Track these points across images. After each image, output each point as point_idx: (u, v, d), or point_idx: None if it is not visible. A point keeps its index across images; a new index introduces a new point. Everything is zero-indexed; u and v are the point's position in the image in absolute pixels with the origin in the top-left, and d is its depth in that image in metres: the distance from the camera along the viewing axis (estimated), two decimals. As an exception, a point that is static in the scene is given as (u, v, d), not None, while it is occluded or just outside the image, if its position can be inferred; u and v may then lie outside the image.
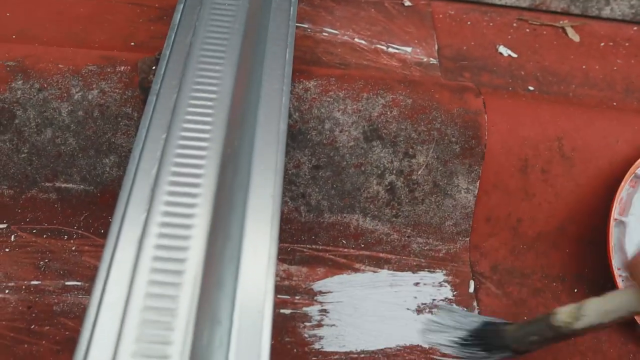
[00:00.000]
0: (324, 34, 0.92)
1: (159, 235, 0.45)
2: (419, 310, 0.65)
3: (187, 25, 0.66)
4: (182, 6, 0.70)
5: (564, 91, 0.96)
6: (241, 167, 0.54)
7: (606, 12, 1.08)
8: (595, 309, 0.46)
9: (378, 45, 0.92)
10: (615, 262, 0.71)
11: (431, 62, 0.91)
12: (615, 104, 0.95)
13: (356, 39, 0.92)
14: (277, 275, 0.66)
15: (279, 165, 0.56)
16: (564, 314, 0.48)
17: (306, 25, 0.92)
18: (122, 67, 0.70)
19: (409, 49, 0.92)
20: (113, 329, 0.40)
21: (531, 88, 0.94)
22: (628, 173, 0.73)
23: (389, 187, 0.70)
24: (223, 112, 0.54)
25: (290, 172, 0.69)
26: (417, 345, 0.62)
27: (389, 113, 0.68)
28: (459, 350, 0.55)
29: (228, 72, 0.57)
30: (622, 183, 0.72)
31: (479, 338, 0.55)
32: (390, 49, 0.92)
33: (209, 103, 0.54)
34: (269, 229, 0.51)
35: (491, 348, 0.53)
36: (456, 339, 0.56)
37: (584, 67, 1.01)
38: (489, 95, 0.78)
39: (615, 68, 1.02)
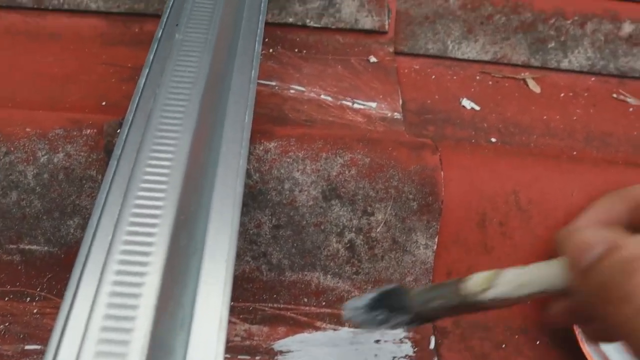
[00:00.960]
0: (292, 91, 0.95)
1: (108, 305, 0.46)
2: (379, 368, 0.66)
3: (150, 90, 0.68)
4: (147, 71, 0.72)
5: (525, 142, 0.99)
6: (196, 232, 0.56)
7: (565, 64, 1.12)
8: (511, 280, 0.40)
9: (344, 102, 0.95)
10: (573, 314, 0.72)
11: (395, 117, 0.94)
12: (575, 152, 0.98)
13: (322, 96, 0.95)
14: (237, 335, 0.67)
15: (233, 229, 0.57)
16: (474, 282, 0.42)
17: (274, 83, 0.95)
18: (89, 130, 0.72)
19: (374, 104, 0.95)
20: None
21: (493, 140, 0.97)
22: (583, 225, 0.75)
23: (348, 244, 0.71)
24: (178, 177, 0.55)
25: (251, 232, 0.70)
26: (377, 404, 0.62)
27: (347, 172, 0.71)
28: (358, 315, 0.50)
29: (185, 137, 0.59)
30: (578, 235, 0.74)
31: (381, 301, 0.50)
32: (355, 105, 0.95)
33: (165, 171, 0.56)
34: (221, 294, 0.52)
35: (392, 310, 0.49)
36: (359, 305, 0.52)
37: (545, 117, 1.04)
38: (448, 150, 0.81)
39: (575, 118, 1.05)
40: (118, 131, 0.72)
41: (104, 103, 0.89)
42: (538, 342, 0.75)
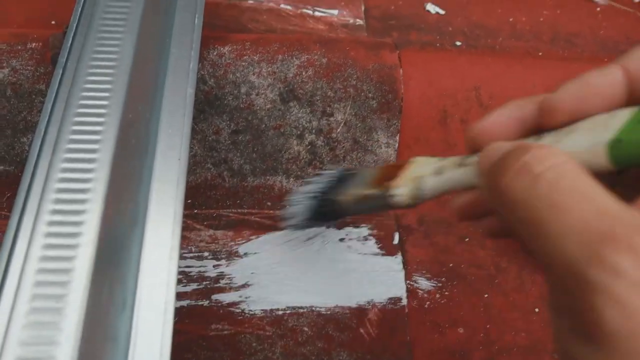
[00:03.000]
0: (249, 1, 0.92)
1: (55, 201, 0.45)
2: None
3: (93, -4, 0.65)
4: (89, -22, 0.69)
5: (491, 44, 0.97)
6: (147, 131, 0.55)
7: (532, -36, 1.09)
8: (434, 188, 0.39)
9: (304, 10, 0.92)
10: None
11: (358, 24, 0.92)
12: (541, 53, 0.97)
13: (282, 5, 0.92)
14: (202, 240, 0.67)
15: (186, 130, 0.56)
16: (405, 195, 0.41)
17: (230, -6, 0.92)
18: (34, 44, 0.69)
19: (335, 12, 0.93)
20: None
21: (459, 43, 0.95)
22: (544, 118, 0.75)
23: (309, 146, 0.71)
24: (123, 79, 0.54)
25: (210, 138, 0.69)
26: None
27: (304, 73, 0.69)
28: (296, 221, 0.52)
29: (129, 39, 0.57)
30: (538, 128, 0.74)
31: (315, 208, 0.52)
32: (316, 13, 0.92)
33: (109, 71, 0.54)
34: (174, 191, 0.52)
35: (324, 215, 0.50)
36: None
37: (511, 19, 1.02)
38: (408, 51, 0.80)
39: (541, 19, 1.04)
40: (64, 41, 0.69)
41: (53, 22, 0.85)
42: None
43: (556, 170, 0.26)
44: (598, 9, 1.09)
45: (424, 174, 0.41)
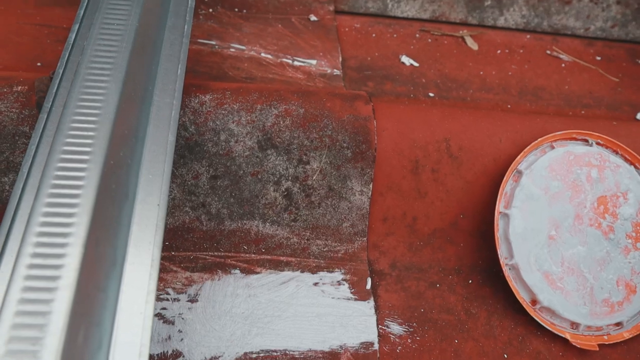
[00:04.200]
0: (232, 49, 0.95)
1: (36, 245, 0.47)
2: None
3: (80, 44, 0.68)
4: (77, 26, 0.72)
5: (462, 96, 1.02)
6: (127, 177, 0.57)
7: (501, 21, 1.16)
8: None
9: (284, 59, 0.96)
10: (501, 252, 0.76)
11: (335, 73, 0.96)
12: (509, 106, 1.02)
13: (262, 54, 0.96)
14: (179, 282, 0.69)
15: (166, 175, 0.58)
16: None
17: (214, 42, 0.95)
18: (20, 87, 0.71)
19: (314, 62, 0.97)
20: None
21: (431, 94, 1.00)
22: (510, 169, 0.79)
23: (285, 193, 0.73)
24: (106, 125, 0.56)
25: (189, 182, 0.71)
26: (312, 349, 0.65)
27: (282, 122, 0.72)
28: None
29: (113, 87, 0.59)
30: (505, 178, 0.78)
31: None
32: (295, 62, 0.96)
33: (93, 118, 0.56)
34: (152, 236, 0.53)
35: None
36: None
37: (481, 73, 1.07)
38: (384, 102, 0.83)
39: (510, 73, 1.09)
40: (50, 86, 0.71)
41: (39, 64, 0.87)
42: (470, 282, 0.80)
43: None
44: (563, 64, 1.15)
45: None
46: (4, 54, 0.88)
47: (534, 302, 0.76)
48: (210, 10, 1.02)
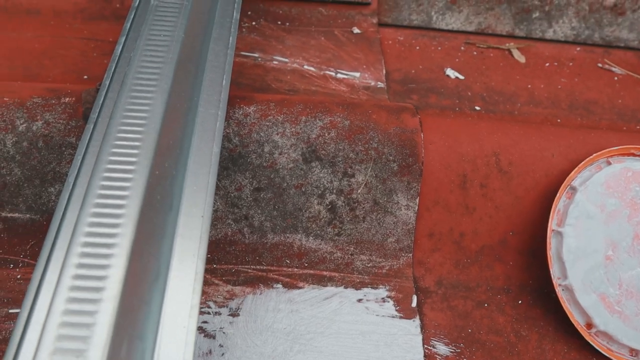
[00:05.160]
0: (274, 62, 0.95)
1: (78, 266, 0.46)
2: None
3: (126, 56, 0.68)
4: (124, 38, 0.72)
5: (509, 110, 0.99)
6: (172, 188, 0.56)
7: (549, 34, 1.12)
8: None
9: (327, 72, 0.95)
10: (554, 272, 0.73)
11: (379, 86, 0.94)
12: (559, 120, 0.98)
13: (305, 66, 0.95)
14: (220, 295, 0.67)
15: (210, 187, 0.57)
16: None
17: (257, 55, 0.95)
18: (67, 99, 0.72)
19: (357, 74, 0.95)
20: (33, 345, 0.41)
21: (478, 108, 0.97)
22: (563, 185, 0.75)
23: (330, 206, 0.71)
24: (152, 136, 0.55)
25: (232, 195, 0.71)
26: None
27: (327, 134, 0.71)
28: None
29: (159, 99, 0.59)
30: (558, 195, 0.75)
31: None
32: (339, 75, 0.95)
33: (138, 129, 0.56)
34: (197, 248, 0.52)
35: None
36: None
37: (529, 86, 1.04)
38: (428, 115, 0.81)
39: (559, 86, 1.06)
40: (97, 97, 0.72)
41: (85, 77, 0.89)
42: (520, 302, 0.76)
43: None
44: (616, 78, 1.11)
45: None
46: (52, 67, 0.89)
47: (589, 325, 0.72)
48: (254, 23, 1.02)
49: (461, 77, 1.03)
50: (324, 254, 0.72)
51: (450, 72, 1.03)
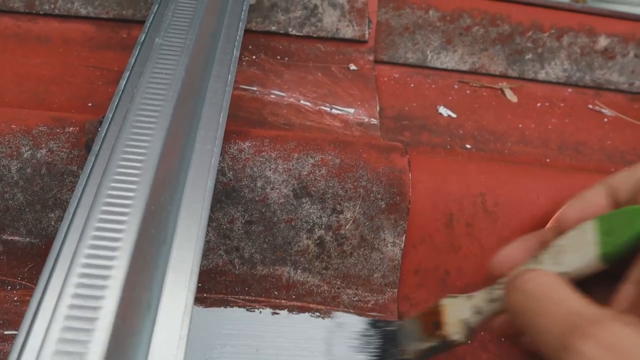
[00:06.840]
0: (272, 96, 0.98)
1: (77, 285, 0.48)
2: None
3: (130, 91, 0.72)
4: (128, 74, 0.76)
5: (500, 149, 1.02)
6: (166, 222, 0.59)
7: (542, 75, 1.16)
8: (478, 323, 0.48)
9: (322, 107, 0.98)
10: (535, 312, 0.75)
11: (372, 123, 0.97)
12: (548, 160, 1.01)
13: (302, 101, 0.98)
14: (209, 325, 0.70)
15: (202, 221, 0.60)
16: (462, 337, 0.49)
17: (255, 88, 0.99)
18: (71, 128, 0.75)
19: (351, 110, 0.99)
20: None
21: (468, 146, 1.00)
22: (547, 227, 0.78)
23: (318, 241, 0.74)
24: (149, 172, 0.58)
25: (224, 227, 0.73)
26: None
27: (317, 172, 0.74)
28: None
29: (158, 134, 0.62)
30: (541, 236, 0.77)
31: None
32: (333, 110, 0.98)
33: (137, 164, 0.59)
34: (187, 281, 0.55)
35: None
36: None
37: (520, 125, 1.07)
38: (419, 154, 0.84)
39: (550, 127, 1.09)
40: (99, 129, 0.75)
41: (90, 104, 0.92)
42: (503, 340, 0.78)
43: (538, 285, 0.36)
44: (605, 119, 1.14)
45: (466, 317, 0.49)
46: (59, 93, 0.93)
47: None
48: (254, 57, 1.05)
49: (453, 115, 1.06)
50: (311, 287, 0.74)
51: (443, 110, 1.06)
